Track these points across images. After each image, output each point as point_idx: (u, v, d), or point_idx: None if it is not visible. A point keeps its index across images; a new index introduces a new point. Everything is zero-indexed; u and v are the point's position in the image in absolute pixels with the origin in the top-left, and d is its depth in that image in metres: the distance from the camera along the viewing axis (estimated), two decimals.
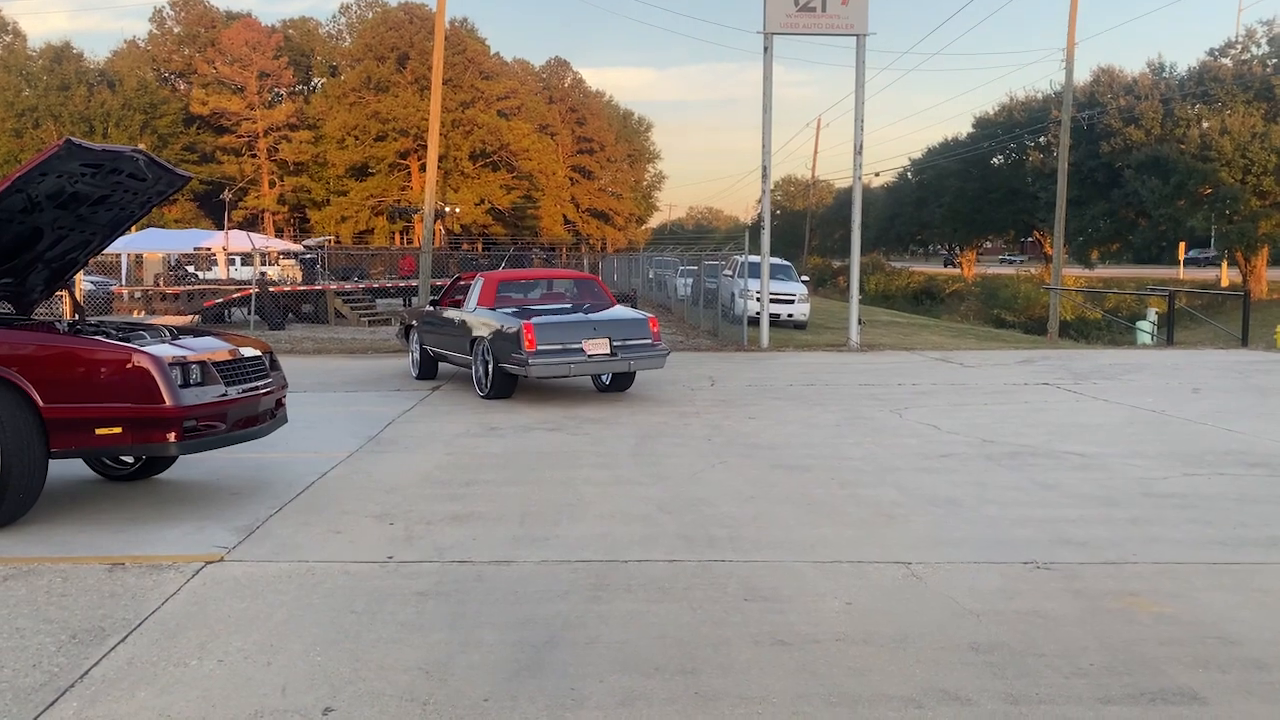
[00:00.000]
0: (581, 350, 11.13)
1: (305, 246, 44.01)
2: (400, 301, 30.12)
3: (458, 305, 12.80)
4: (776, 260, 26.09)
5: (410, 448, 8.79)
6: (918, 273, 65.20)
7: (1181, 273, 55.34)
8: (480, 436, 9.39)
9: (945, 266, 75.18)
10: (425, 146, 24.92)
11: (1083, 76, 50.71)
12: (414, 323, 14.17)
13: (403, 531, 6.05)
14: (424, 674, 4.00)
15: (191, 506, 6.70)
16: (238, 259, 36.24)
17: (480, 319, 11.81)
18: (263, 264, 32.00)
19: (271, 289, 24.82)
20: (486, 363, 11.60)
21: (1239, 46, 43.28)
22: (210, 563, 5.42)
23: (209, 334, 7.40)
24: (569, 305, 12.54)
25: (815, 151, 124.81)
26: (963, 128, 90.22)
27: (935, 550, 5.70)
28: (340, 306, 25.43)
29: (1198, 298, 35.27)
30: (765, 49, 18.66)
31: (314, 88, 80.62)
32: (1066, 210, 31.84)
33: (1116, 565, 5.44)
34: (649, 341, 11.66)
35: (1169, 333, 21.57)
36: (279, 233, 71.87)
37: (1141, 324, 25.06)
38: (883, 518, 6.45)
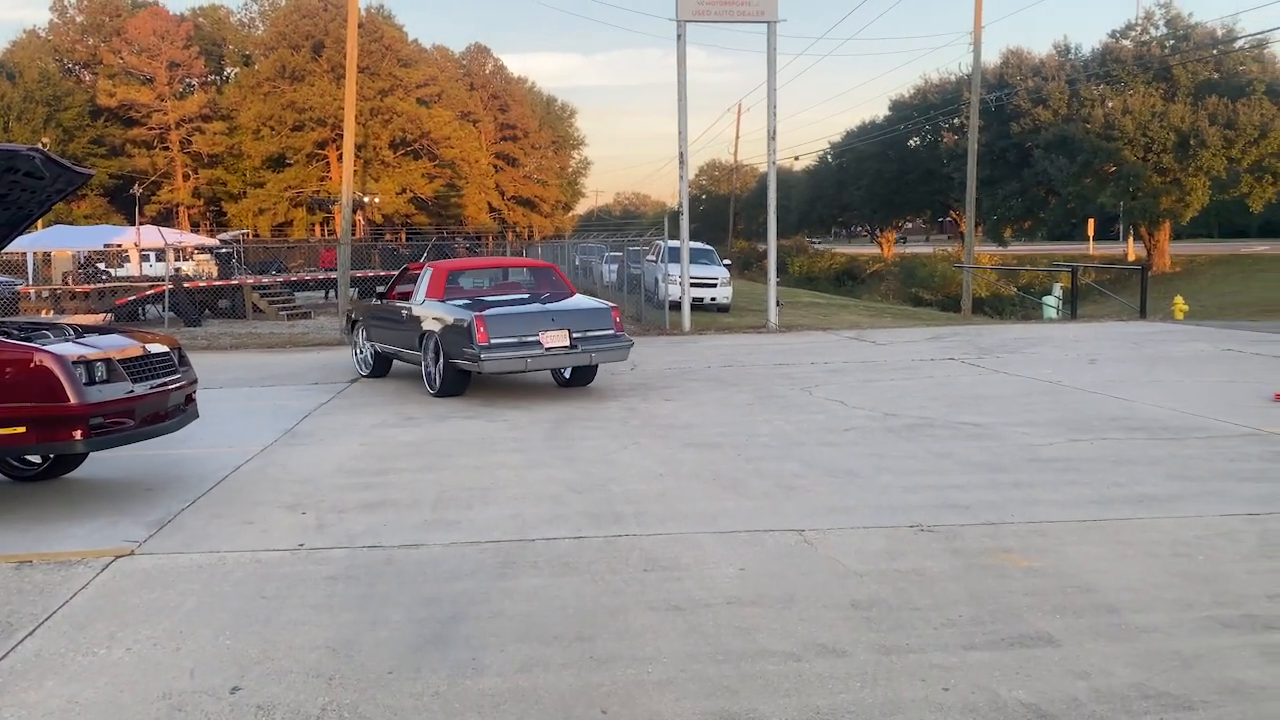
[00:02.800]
0: (539, 343, 10.42)
1: (221, 240, 43.13)
2: (322, 295, 29.79)
3: (406, 297, 12.01)
4: (698, 245, 26.43)
5: (325, 439, 8.86)
6: (839, 254, 66.32)
7: (1092, 248, 57.24)
8: (396, 426, 9.48)
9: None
10: (343, 136, 24.66)
11: (993, 59, 52.14)
12: (360, 317, 13.41)
13: (315, 520, 6.17)
14: (331, 652, 4.16)
15: (103, 503, 6.71)
16: (151, 255, 35.39)
17: (429, 312, 11.14)
18: (177, 259, 31.32)
19: (186, 285, 24.38)
20: (437, 359, 10.95)
21: (1139, 28, 44.82)
22: (120, 556, 5.48)
23: (115, 331, 7.39)
24: (525, 295, 11.76)
25: (737, 136, 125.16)
26: (880, 111, 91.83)
27: (829, 518, 6.01)
28: (258, 301, 25.09)
29: (1107, 272, 36.57)
30: (679, 36, 18.88)
31: (227, 78, 78.64)
32: (980, 190, 32.75)
33: (995, 525, 5.81)
34: (611, 332, 10.96)
35: (1072, 307, 22.43)
36: (195, 227, 70.15)
37: (1047, 299, 25.98)
38: (783, 489, 6.74)
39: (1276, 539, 5.49)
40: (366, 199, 61.80)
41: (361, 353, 13.30)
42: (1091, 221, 53.77)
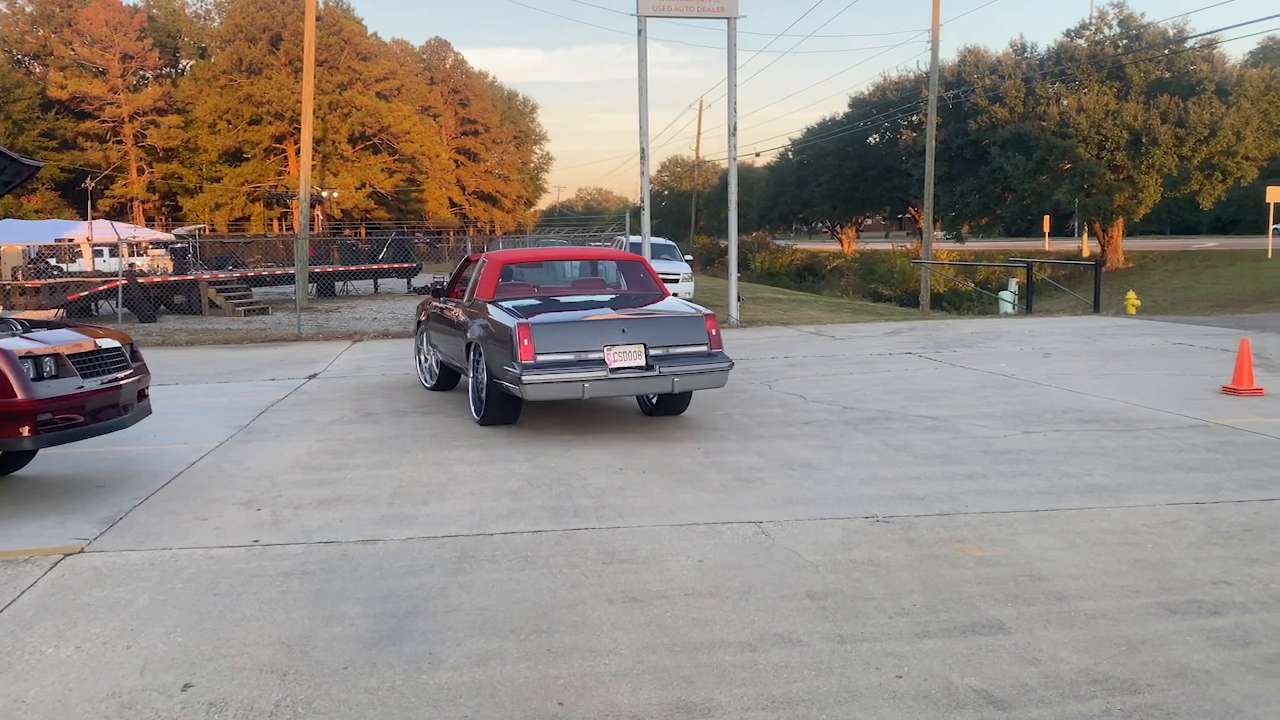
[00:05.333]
0: (602, 362, 8.00)
1: (176, 235, 42.48)
2: (293, 290, 29.37)
3: (462, 295, 9.97)
4: (659, 240, 26.50)
5: (281, 436, 8.77)
6: (800, 250, 66.70)
7: (1048, 244, 58.02)
8: (354, 422, 9.40)
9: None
10: (301, 130, 24.38)
11: (951, 57, 52.60)
12: (424, 318, 11.27)
13: (270, 516, 6.10)
14: (285, 648, 4.12)
15: (52, 501, 6.59)
16: (104, 250, 34.76)
17: (476, 314, 9.02)
18: (131, 254, 30.79)
19: (141, 280, 24.00)
20: (486, 376, 8.72)
21: (1093, 28, 45.46)
22: (70, 554, 5.39)
23: (65, 326, 7.26)
24: (595, 297, 9.39)
25: (699, 132, 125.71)
26: (840, 108, 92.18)
27: (786, 509, 6.05)
28: (214, 296, 24.74)
29: (1062, 268, 37.09)
30: (639, 31, 18.87)
31: (182, 70, 77.38)
32: (938, 186, 33.14)
33: (949, 516, 5.88)
34: (704, 349, 8.33)
35: (1028, 302, 22.75)
36: (150, 221, 68.93)
37: (1004, 294, 26.32)
38: (741, 482, 6.78)
39: (1222, 527, 5.62)
40: (325, 194, 61.14)
41: (426, 360, 11.39)
42: (1047, 218, 54.51)
